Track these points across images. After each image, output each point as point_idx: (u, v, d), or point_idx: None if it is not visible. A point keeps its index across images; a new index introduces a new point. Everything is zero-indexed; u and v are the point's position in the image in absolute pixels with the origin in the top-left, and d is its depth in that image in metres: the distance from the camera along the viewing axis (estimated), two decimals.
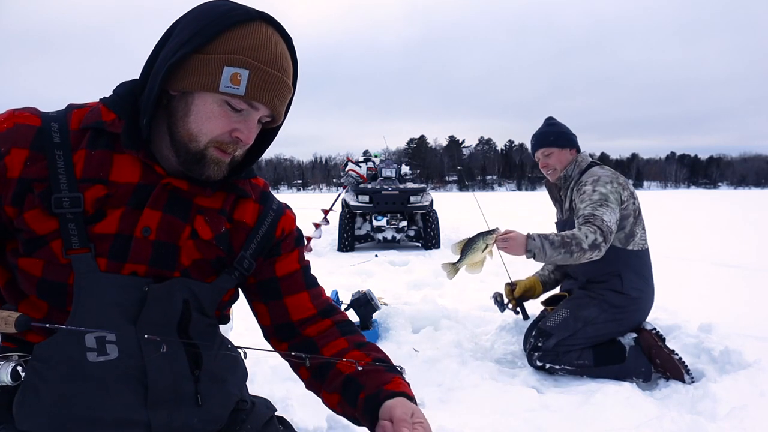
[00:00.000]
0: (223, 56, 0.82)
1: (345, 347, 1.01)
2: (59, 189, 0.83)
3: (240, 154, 0.91)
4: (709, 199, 29.49)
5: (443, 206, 10.21)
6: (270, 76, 0.84)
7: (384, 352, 1.03)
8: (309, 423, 1.72)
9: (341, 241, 7.32)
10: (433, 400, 2.07)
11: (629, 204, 2.35)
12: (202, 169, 0.87)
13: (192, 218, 0.91)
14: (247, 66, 0.82)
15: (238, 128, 0.86)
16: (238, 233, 0.97)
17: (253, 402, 1.06)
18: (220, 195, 0.96)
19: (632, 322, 2.34)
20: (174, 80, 0.84)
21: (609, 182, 2.33)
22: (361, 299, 2.66)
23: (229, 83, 0.82)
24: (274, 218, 1.03)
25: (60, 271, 0.83)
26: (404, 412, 0.86)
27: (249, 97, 0.83)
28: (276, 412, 1.10)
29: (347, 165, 8.54)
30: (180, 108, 0.86)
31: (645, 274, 2.38)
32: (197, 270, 0.92)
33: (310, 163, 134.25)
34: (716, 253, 6.24)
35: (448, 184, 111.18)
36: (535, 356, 2.31)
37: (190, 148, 0.86)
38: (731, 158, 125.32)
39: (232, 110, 0.85)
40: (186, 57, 0.82)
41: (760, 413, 1.74)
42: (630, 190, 2.39)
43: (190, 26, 0.84)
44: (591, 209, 2.22)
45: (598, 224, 2.15)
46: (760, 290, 4.17)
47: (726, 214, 14.74)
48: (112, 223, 0.85)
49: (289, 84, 0.89)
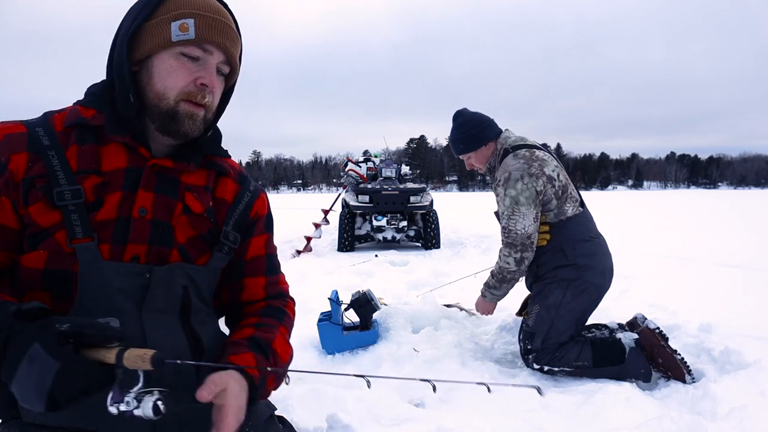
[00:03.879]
0: (169, 15, 0.92)
1: (252, 323, 1.06)
2: (59, 183, 0.88)
3: (210, 105, 0.97)
4: (709, 199, 29.49)
5: (443, 206, 10.23)
6: (214, 20, 0.94)
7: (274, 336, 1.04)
8: (309, 423, 1.72)
9: (341, 241, 7.32)
10: (433, 400, 2.06)
11: (548, 190, 2.29)
12: (178, 125, 0.93)
13: (182, 195, 0.98)
14: (191, 16, 0.92)
15: (200, 75, 0.93)
16: (220, 210, 1.05)
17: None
18: (202, 172, 1.03)
19: (598, 286, 2.32)
20: (134, 53, 0.93)
21: (519, 179, 2.27)
22: (361, 299, 2.66)
23: (179, 32, 0.91)
24: (251, 199, 1.10)
25: (64, 261, 0.86)
26: (221, 381, 0.87)
27: (200, 40, 0.92)
28: (276, 411, 1.13)
29: (347, 165, 8.53)
30: (144, 77, 0.93)
31: (585, 236, 2.34)
32: (192, 246, 0.98)
33: (310, 163, 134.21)
34: (716, 253, 6.24)
35: (448, 184, 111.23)
36: (530, 359, 2.31)
37: (162, 107, 0.92)
38: (731, 158, 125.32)
39: (190, 60, 0.93)
40: (139, 28, 0.92)
41: (760, 413, 1.73)
42: (546, 175, 2.29)
43: (136, 7, 0.94)
44: (505, 221, 2.33)
45: (512, 239, 2.30)
46: (760, 290, 4.16)
47: (726, 214, 14.73)
48: (112, 209, 0.90)
49: (234, 28, 0.97)
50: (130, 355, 0.72)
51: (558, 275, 2.31)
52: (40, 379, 0.72)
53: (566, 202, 2.33)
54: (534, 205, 2.27)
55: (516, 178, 2.27)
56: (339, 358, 2.54)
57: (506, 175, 2.31)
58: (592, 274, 2.30)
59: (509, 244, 2.32)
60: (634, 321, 2.39)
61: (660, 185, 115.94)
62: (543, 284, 2.36)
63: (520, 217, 2.27)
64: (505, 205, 2.31)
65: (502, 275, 2.40)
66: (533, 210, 2.27)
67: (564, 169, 2.45)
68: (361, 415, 1.81)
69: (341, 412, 1.74)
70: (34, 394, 0.72)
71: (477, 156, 2.53)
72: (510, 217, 2.30)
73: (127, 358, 0.72)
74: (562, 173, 2.38)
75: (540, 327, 2.29)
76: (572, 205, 2.35)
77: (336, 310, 2.68)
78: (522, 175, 2.27)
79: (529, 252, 2.31)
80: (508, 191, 2.29)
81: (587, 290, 2.29)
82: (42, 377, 0.71)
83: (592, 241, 2.35)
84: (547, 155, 2.39)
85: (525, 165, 2.29)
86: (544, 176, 2.29)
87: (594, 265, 2.31)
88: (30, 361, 0.72)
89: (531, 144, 2.45)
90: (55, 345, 0.73)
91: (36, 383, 0.72)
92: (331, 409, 1.76)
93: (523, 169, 2.28)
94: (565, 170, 2.49)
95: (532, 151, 2.36)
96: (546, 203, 2.32)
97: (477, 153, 2.52)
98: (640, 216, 14.09)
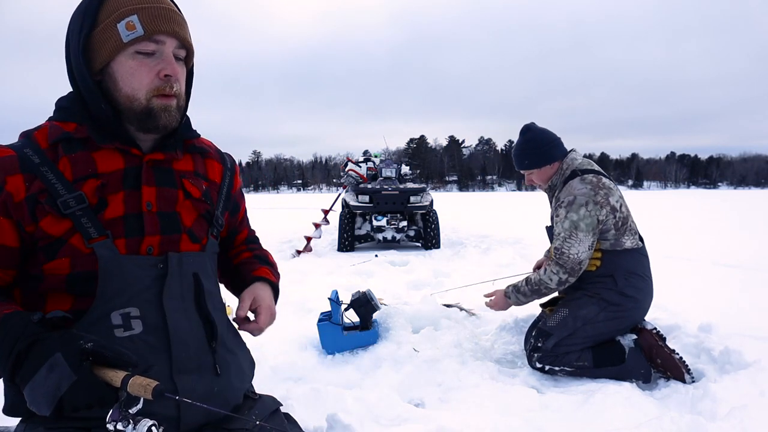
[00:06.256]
0: (112, 17, 0.93)
1: (244, 249, 1.31)
2: (60, 194, 0.92)
3: (179, 93, 1.00)
4: (709, 199, 29.49)
5: (443, 206, 10.23)
6: (156, 9, 0.95)
7: (267, 253, 1.33)
8: (309, 423, 1.72)
9: (341, 241, 7.32)
10: (433, 400, 2.07)
11: (608, 221, 2.29)
12: (156, 120, 0.97)
13: (180, 183, 1.05)
14: (133, 12, 0.93)
15: (161, 67, 0.95)
16: (212, 191, 1.13)
17: (260, 395, 1.16)
18: (187, 157, 1.10)
19: (631, 320, 2.32)
20: (93, 63, 0.96)
21: (583, 205, 2.25)
22: (361, 299, 2.66)
23: (127, 32, 0.92)
24: (231, 176, 1.19)
25: (86, 261, 0.92)
26: (251, 293, 1.15)
27: (149, 33, 0.93)
28: (281, 407, 1.18)
29: (347, 165, 8.53)
30: (109, 84, 0.96)
31: (639, 271, 2.34)
32: (198, 227, 1.06)
33: (310, 163, 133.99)
34: (716, 253, 6.24)
35: (448, 184, 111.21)
36: (535, 357, 2.31)
37: (135, 108, 0.96)
38: (731, 158, 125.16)
39: (146, 56, 0.95)
40: (88, 38, 0.94)
41: (760, 413, 1.73)
42: (611, 205, 2.28)
43: (77, 18, 0.96)
44: (560, 242, 2.31)
45: (563, 262, 2.29)
46: (760, 290, 4.17)
47: (726, 214, 14.74)
48: (118, 207, 0.96)
49: (176, 10, 0.99)
50: (134, 382, 0.77)
51: (601, 294, 2.29)
52: (55, 386, 0.77)
53: (624, 234, 2.32)
54: (592, 234, 2.26)
55: (581, 203, 2.26)
56: (339, 358, 2.54)
57: (571, 198, 2.29)
58: (633, 307, 2.29)
59: (559, 264, 2.31)
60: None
61: (660, 185, 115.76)
62: (582, 294, 2.34)
63: (576, 243, 2.26)
64: (564, 227, 2.29)
65: (538, 287, 2.37)
66: (590, 238, 2.26)
67: (626, 202, 2.43)
68: (361, 415, 1.81)
69: (341, 412, 1.74)
70: (44, 400, 0.77)
71: (540, 173, 2.50)
72: (566, 240, 2.28)
73: (131, 384, 0.77)
74: (624, 205, 2.37)
75: (559, 331, 2.28)
76: (630, 237, 2.34)
77: (336, 310, 2.68)
78: (587, 201, 2.26)
79: (575, 277, 2.31)
80: (570, 215, 2.27)
81: (621, 319, 2.29)
82: (56, 385, 0.77)
83: (644, 279, 2.34)
84: (613, 184, 2.38)
85: (591, 192, 2.27)
86: (609, 206, 2.28)
87: (639, 300, 2.31)
88: (50, 368, 0.78)
89: (598, 170, 2.42)
90: (76, 359, 0.78)
91: (50, 390, 0.77)
92: (331, 409, 1.76)
93: (589, 196, 2.27)
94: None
95: (599, 177, 2.34)
96: (604, 232, 2.31)
97: (541, 170, 2.49)
98: (641, 216, 14.03)
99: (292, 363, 2.44)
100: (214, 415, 1.00)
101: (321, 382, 2.18)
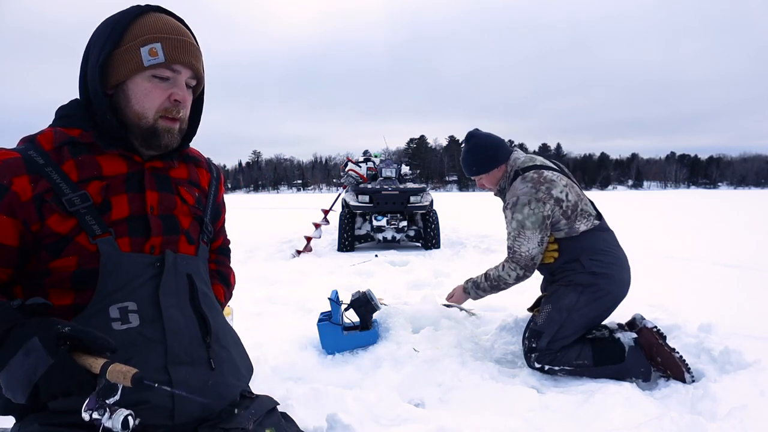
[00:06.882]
0: (137, 41, 1.00)
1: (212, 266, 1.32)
2: (65, 193, 0.96)
3: (183, 117, 1.08)
4: (709, 199, 29.48)
5: (443, 206, 10.23)
6: (178, 41, 1.02)
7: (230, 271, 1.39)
8: (309, 423, 1.72)
9: (341, 241, 7.32)
10: (433, 400, 2.07)
11: (555, 213, 2.33)
12: (159, 140, 1.04)
13: (176, 189, 1.12)
14: (158, 40, 1.00)
15: (173, 92, 1.03)
16: (202, 198, 1.20)
17: (257, 395, 1.18)
18: (183, 166, 1.17)
19: (613, 297, 2.33)
20: (107, 80, 1.01)
21: (526, 204, 2.32)
22: (361, 299, 2.66)
23: (149, 57, 0.99)
24: (217, 184, 1.26)
25: (91, 258, 0.96)
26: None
27: (169, 62, 1.00)
28: (278, 406, 1.20)
29: (347, 165, 8.53)
30: (120, 100, 1.02)
31: (602, 246, 2.36)
32: (192, 230, 1.12)
33: (310, 163, 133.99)
34: (716, 253, 6.24)
35: (448, 184, 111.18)
36: (533, 357, 2.31)
37: (142, 125, 1.02)
38: (731, 158, 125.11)
39: (161, 81, 1.02)
40: (109, 55, 1.00)
41: (760, 413, 1.73)
42: (554, 198, 2.31)
43: (102, 35, 1.01)
44: (511, 241, 2.41)
45: (517, 259, 2.40)
46: (760, 290, 4.17)
47: (726, 214, 14.73)
48: (123, 209, 1.01)
49: (196, 45, 1.06)
50: (114, 369, 0.76)
51: (574, 280, 2.33)
52: (30, 371, 0.77)
53: (576, 220, 2.36)
54: (540, 230, 2.33)
55: (524, 203, 2.32)
56: (339, 358, 2.54)
57: (514, 199, 2.36)
58: (608, 282, 2.31)
59: (514, 261, 2.41)
60: (632, 321, 2.40)
61: (660, 185, 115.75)
62: (558, 286, 2.38)
63: (525, 240, 2.35)
64: (512, 227, 2.39)
65: (497, 283, 2.50)
66: (538, 234, 2.33)
67: (576, 185, 2.46)
68: (361, 415, 1.81)
69: (341, 412, 1.74)
70: (19, 385, 0.78)
71: (488, 177, 2.57)
72: (516, 239, 2.38)
73: (110, 371, 0.76)
74: (572, 191, 2.39)
75: (549, 327, 2.30)
76: (584, 221, 2.37)
77: (336, 310, 2.68)
78: (529, 200, 2.32)
79: (531, 272, 2.42)
80: (515, 215, 2.35)
81: (602, 298, 2.30)
82: (33, 370, 0.77)
83: (609, 253, 2.36)
84: (557, 174, 2.40)
85: (533, 189, 2.33)
86: (552, 199, 2.32)
87: (611, 275, 2.33)
88: (26, 352, 0.79)
89: (540, 164, 2.45)
90: (52, 343, 0.79)
91: (26, 375, 0.77)
92: (331, 409, 1.76)
93: (530, 194, 2.32)
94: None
95: (541, 172, 2.38)
96: (555, 224, 2.37)
97: (489, 175, 2.56)
98: (641, 216, 14.09)
99: (292, 363, 2.44)
100: (210, 410, 1.03)
101: (321, 382, 2.18)
